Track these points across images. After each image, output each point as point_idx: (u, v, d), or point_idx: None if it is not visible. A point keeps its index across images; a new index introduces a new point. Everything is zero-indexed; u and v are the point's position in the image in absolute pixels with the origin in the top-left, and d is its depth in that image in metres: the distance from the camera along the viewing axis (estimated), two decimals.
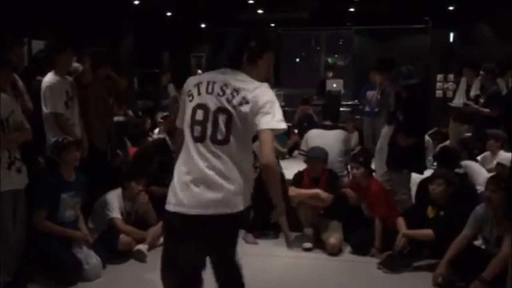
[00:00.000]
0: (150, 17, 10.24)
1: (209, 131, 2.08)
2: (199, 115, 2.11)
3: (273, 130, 2.05)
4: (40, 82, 3.92)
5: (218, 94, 2.09)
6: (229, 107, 2.06)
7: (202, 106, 2.11)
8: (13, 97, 3.46)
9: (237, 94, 2.07)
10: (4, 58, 3.34)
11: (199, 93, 2.14)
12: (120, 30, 9.75)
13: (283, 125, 2.07)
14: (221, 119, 2.07)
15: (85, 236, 3.70)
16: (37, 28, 6.16)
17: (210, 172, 2.06)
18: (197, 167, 2.07)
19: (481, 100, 5.66)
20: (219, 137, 2.07)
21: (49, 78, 3.87)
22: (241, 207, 2.13)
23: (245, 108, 2.05)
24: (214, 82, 2.12)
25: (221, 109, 2.08)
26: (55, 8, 7.04)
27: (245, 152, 2.14)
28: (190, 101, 2.14)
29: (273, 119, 2.04)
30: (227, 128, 2.07)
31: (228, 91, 2.08)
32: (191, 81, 2.20)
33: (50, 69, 3.92)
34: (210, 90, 2.11)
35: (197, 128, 2.10)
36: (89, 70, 4.16)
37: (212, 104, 2.09)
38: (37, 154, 3.85)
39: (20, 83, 3.79)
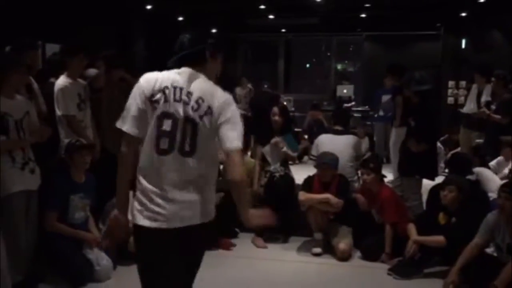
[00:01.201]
0: (162, 22, 10.32)
1: (177, 143, 1.97)
2: (167, 125, 1.97)
3: (240, 149, 1.98)
4: (53, 84, 3.97)
5: (185, 102, 1.97)
6: (195, 117, 1.96)
7: (170, 115, 1.97)
8: (27, 99, 3.50)
9: (202, 102, 1.97)
10: (18, 60, 3.39)
11: (165, 100, 1.97)
12: (132, 34, 9.84)
13: (240, 144, 1.98)
14: (188, 129, 1.97)
15: (96, 237, 3.72)
16: (51, 31, 6.24)
17: (181, 187, 1.97)
18: (165, 182, 1.97)
19: (493, 107, 5.62)
20: (187, 148, 1.97)
21: (61, 81, 3.92)
22: (213, 215, 2.11)
23: (209, 118, 1.96)
24: (181, 88, 1.98)
25: (188, 119, 1.97)
26: (68, 11, 7.13)
27: (211, 161, 2.06)
28: (155, 108, 1.98)
29: (239, 137, 1.97)
30: (193, 138, 1.97)
31: (192, 99, 1.97)
32: (150, 81, 2.01)
33: (64, 72, 3.97)
34: (178, 97, 1.97)
35: (164, 140, 1.97)
36: (103, 74, 4.20)
37: (181, 113, 1.96)
38: (50, 156, 3.88)
39: (35, 85, 3.84)
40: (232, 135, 1.95)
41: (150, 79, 2.02)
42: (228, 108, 1.98)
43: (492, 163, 4.97)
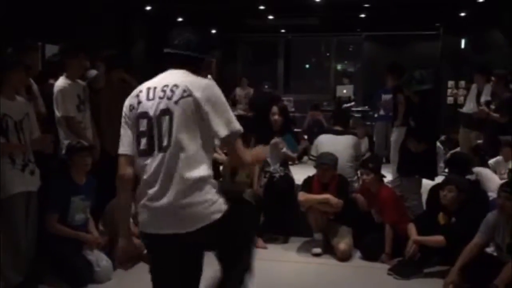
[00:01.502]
0: (161, 22, 10.33)
1: (156, 140, 1.88)
2: (143, 125, 1.91)
3: (238, 131, 1.88)
4: (52, 85, 3.97)
5: (160, 97, 1.89)
6: (170, 106, 1.86)
7: (143, 115, 1.91)
8: (27, 100, 3.50)
9: (177, 88, 1.87)
10: (18, 61, 3.39)
11: (139, 102, 1.94)
12: (131, 35, 9.85)
13: (236, 127, 1.88)
14: (165, 122, 1.86)
15: (96, 239, 3.72)
16: (50, 32, 6.24)
17: (167, 188, 1.84)
18: (151, 185, 1.87)
19: (492, 107, 5.62)
20: (165, 143, 1.85)
21: (60, 82, 3.92)
22: (218, 215, 1.88)
23: (187, 101, 1.84)
24: (155, 88, 1.93)
25: (163, 111, 1.87)
26: (68, 12, 7.13)
27: (196, 155, 1.86)
28: (134, 114, 1.95)
29: (229, 120, 1.86)
30: (170, 130, 1.85)
31: (168, 90, 1.89)
32: (130, 96, 2.02)
33: (63, 73, 3.96)
34: (151, 96, 1.92)
35: (143, 141, 1.90)
36: (103, 75, 4.20)
37: (154, 109, 1.89)
38: (50, 157, 3.88)
39: (34, 87, 3.85)
40: (222, 121, 1.85)
41: (132, 93, 2.02)
42: (210, 92, 1.87)
43: (491, 162, 4.98)
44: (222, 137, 1.87)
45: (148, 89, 1.95)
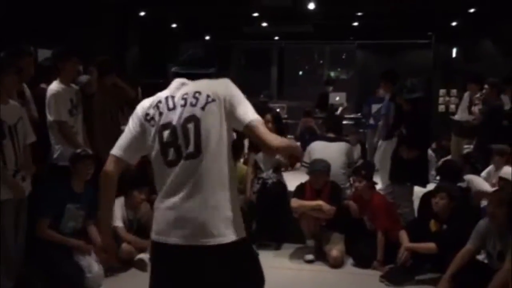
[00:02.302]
0: (155, 28, 10.33)
1: (183, 149, 1.84)
2: (167, 136, 1.87)
3: (259, 119, 1.87)
4: (44, 90, 3.95)
5: (182, 105, 1.88)
6: (196, 112, 1.84)
7: (167, 126, 1.87)
8: (19, 104, 3.48)
9: (200, 94, 1.87)
10: (10, 64, 3.38)
11: (160, 113, 1.90)
12: (125, 41, 9.84)
13: (257, 116, 1.88)
14: (190, 128, 1.84)
15: (87, 245, 3.67)
16: (43, 36, 6.22)
17: (194, 201, 1.80)
18: (179, 199, 1.82)
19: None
20: (191, 149, 1.83)
21: (53, 86, 3.90)
22: (232, 237, 1.82)
23: (215, 104, 1.85)
24: (173, 97, 1.91)
25: (187, 119, 1.85)
26: (61, 17, 7.12)
27: (224, 161, 1.86)
28: (152, 125, 1.90)
29: (252, 110, 1.87)
30: (196, 136, 1.83)
31: (189, 97, 1.88)
32: (145, 104, 1.97)
33: (55, 77, 3.95)
34: (171, 105, 1.89)
35: (171, 151, 1.85)
36: (95, 80, 4.19)
37: (177, 118, 1.86)
38: (41, 162, 3.86)
39: (27, 91, 3.83)
40: (245, 110, 1.85)
41: (145, 102, 1.99)
42: (230, 88, 1.91)
43: (483, 174, 5.00)
44: (245, 124, 1.83)
45: (167, 98, 1.93)
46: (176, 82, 1.98)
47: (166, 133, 1.87)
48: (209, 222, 1.80)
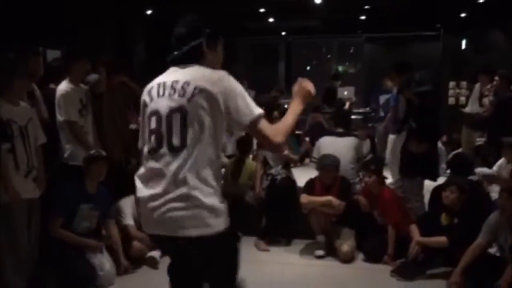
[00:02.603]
0: (161, 26, 10.34)
1: (164, 138, 1.81)
2: (153, 122, 1.86)
3: (260, 115, 1.81)
4: (53, 90, 3.99)
5: (170, 94, 1.84)
6: (183, 103, 1.80)
7: (154, 113, 1.86)
8: (29, 105, 3.52)
9: (188, 85, 1.81)
10: (22, 67, 3.41)
11: (151, 99, 1.90)
12: (132, 39, 9.87)
13: (257, 110, 1.82)
14: (175, 120, 1.81)
15: (99, 244, 3.71)
16: (51, 37, 6.26)
17: (174, 192, 1.78)
18: (159, 188, 1.80)
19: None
20: (175, 142, 1.79)
21: (63, 86, 3.94)
22: (218, 227, 1.81)
23: (201, 100, 1.78)
24: (164, 83, 1.88)
25: (173, 109, 1.81)
26: (69, 17, 7.15)
27: (208, 156, 1.81)
28: (145, 112, 1.92)
29: (250, 105, 1.81)
30: (182, 129, 1.79)
31: (178, 86, 1.83)
32: (144, 91, 1.97)
33: (64, 77, 3.98)
34: (161, 92, 1.87)
35: (152, 138, 1.85)
36: (104, 79, 4.21)
37: (164, 107, 1.83)
38: (51, 162, 3.89)
39: (37, 92, 3.86)
40: (242, 106, 1.79)
41: (145, 89, 1.98)
42: (224, 85, 1.80)
43: (494, 168, 4.95)
44: (246, 126, 1.81)
45: (159, 85, 1.91)
46: (170, 68, 1.95)
47: (153, 120, 1.87)
48: (189, 214, 1.78)
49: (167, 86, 1.87)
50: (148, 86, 1.97)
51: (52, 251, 3.54)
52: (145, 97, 1.95)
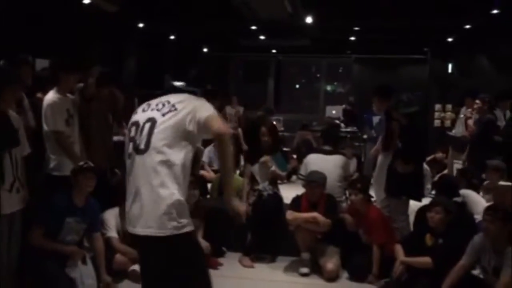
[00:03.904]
0: (153, 40, 10.38)
1: (137, 143, 2.10)
2: (132, 131, 2.16)
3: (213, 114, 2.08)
4: (40, 99, 3.95)
5: (151, 109, 2.15)
6: (156, 115, 2.10)
7: (135, 123, 2.17)
8: (17, 114, 3.47)
9: (168, 103, 2.12)
10: (13, 76, 3.37)
11: (135, 113, 2.23)
12: (123, 51, 9.88)
13: (211, 111, 2.09)
14: (146, 128, 2.10)
15: (80, 251, 3.62)
16: (41, 46, 6.24)
17: (144, 194, 2.05)
18: (131, 185, 2.10)
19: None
20: (142, 146, 2.08)
21: (50, 96, 3.88)
22: (170, 230, 2.01)
23: (173, 114, 2.07)
24: (150, 104, 2.20)
25: (147, 119, 2.11)
26: (59, 27, 7.15)
27: (173, 163, 2.04)
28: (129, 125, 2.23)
29: (209, 109, 2.09)
30: (149, 135, 2.07)
31: (160, 104, 2.15)
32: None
33: (52, 87, 3.94)
34: (146, 108, 2.19)
35: (130, 145, 2.14)
36: (93, 84, 4.18)
37: (143, 119, 2.14)
38: (36, 172, 3.83)
39: (25, 101, 3.82)
40: (201, 115, 2.04)
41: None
42: (199, 104, 2.09)
43: (480, 193, 5.00)
44: (199, 121, 2.04)
45: (148, 104, 2.20)
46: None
47: (132, 129, 2.16)
48: (151, 214, 2.01)
49: (152, 105, 2.23)
50: (140, 107, 2.29)
51: (30, 265, 3.45)
52: (133, 115, 2.28)
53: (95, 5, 7.50)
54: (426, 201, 4.33)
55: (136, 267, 3.86)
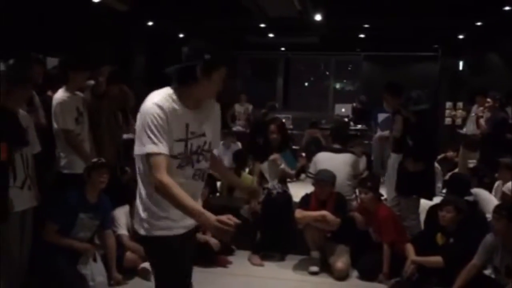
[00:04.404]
0: (162, 38, 10.40)
1: None
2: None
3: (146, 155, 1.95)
4: (50, 97, 3.97)
5: None
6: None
7: None
8: (27, 112, 3.50)
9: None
10: (25, 75, 3.39)
11: None
12: (132, 50, 9.91)
13: (144, 150, 1.94)
14: None
15: (91, 247, 3.64)
16: (52, 45, 6.28)
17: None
18: None
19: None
20: None
21: (60, 94, 3.91)
22: (141, 231, 2.08)
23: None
24: None
25: None
26: (70, 26, 7.19)
27: (142, 171, 2.04)
28: None
29: (139, 143, 1.96)
30: None
31: None
32: None
33: (62, 85, 3.96)
34: None
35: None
36: (104, 81, 4.19)
37: None
38: (47, 170, 3.86)
39: (36, 98, 3.85)
40: (137, 145, 1.97)
41: None
42: (140, 117, 1.99)
43: (492, 192, 4.95)
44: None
45: None
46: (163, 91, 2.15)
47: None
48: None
49: None
50: None
51: (42, 262, 3.48)
52: None
53: (105, 5, 7.52)
54: (437, 200, 4.30)
55: (146, 264, 3.87)
